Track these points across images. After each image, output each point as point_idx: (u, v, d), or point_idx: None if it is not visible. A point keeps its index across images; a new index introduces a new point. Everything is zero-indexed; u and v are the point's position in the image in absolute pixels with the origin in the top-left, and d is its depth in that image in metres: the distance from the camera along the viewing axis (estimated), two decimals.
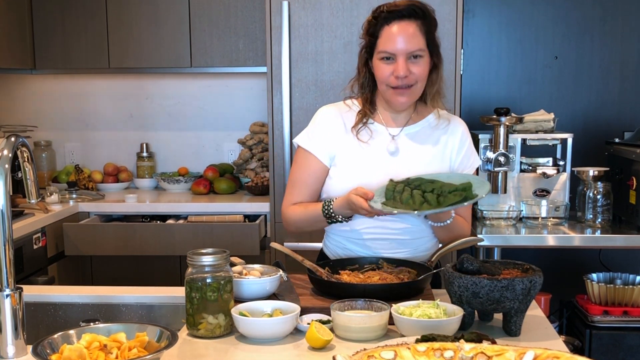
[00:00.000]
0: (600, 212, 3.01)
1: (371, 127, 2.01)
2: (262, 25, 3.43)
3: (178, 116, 3.99)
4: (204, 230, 3.24)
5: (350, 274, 1.88)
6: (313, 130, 2.04)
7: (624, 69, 3.60)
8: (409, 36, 1.88)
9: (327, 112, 2.06)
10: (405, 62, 1.89)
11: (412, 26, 1.89)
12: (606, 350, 2.87)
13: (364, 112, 2.01)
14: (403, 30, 1.88)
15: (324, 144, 2.01)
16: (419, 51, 1.90)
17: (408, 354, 1.25)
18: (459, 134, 2.04)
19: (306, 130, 2.06)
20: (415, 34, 1.89)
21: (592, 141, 3.54)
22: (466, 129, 2.08)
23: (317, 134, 2.03)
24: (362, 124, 2.00)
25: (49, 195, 3.37)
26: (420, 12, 1.90)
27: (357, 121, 2.01)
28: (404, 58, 1.89)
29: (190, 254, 1.63)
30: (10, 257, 1.48)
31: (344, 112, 2.04)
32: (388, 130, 2.01)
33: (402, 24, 1.89)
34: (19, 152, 1.54)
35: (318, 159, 2.01)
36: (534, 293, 1.58)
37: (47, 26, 3.64)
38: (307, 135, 2.04)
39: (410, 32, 1.89)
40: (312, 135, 2.03)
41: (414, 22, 1.89)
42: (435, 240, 2.08)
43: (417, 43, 1.90)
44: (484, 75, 3.66)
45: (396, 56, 1.89)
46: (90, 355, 1.34)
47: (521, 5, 3.61)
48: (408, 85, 1.92)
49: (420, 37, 1.90)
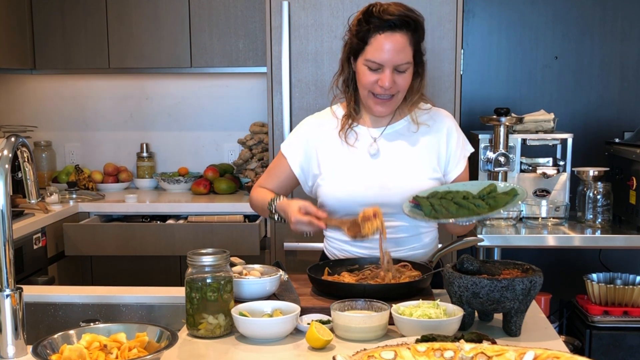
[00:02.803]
0: (600, 212, 3.01)
1: (355, 129, 2.02)
2: (262, 25, 3.43)
3: (178, 116, 3.99)
4: (204, 231, 3.24)
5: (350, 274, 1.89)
6: (293, 139, 2.10)
7: (624, 69, 3.60)
8: (398, 49, 1.87)
9: (306, 123, 2.10)
10: (392, 74, 1.89)
11: (404, 39, 1.88)
12: (606, 350, 2.87)
13: (349, 113, 2.02)
14: (394, 42, 1.87)
15: (298, 150, 2.07)
16: (406, 64, 1.90)
17: (408, 354, 1.25)
18: (445, 129, 2.02)
19: (289, 136, 2.13)
20: (405, 47, 1.88)
21: (592, 141, 3.54)
22: (451, 120, 2.05)
23: (294, 143, 2.09)
24: (347, 127, 2.01)
25: (49, 195, 3.37)
26: (412, 23, 1.88)
27: (342, 124, 2.02)
28: (391, 70, 1.88)
29: (190, 254, 1.63)
30: (10, 257, 1.48)
31: (327, 119, 2.06)
32: (369, 132, 2.02)
33: (394, 36, 1.87)
34: (19, 152, 1.54)
35: (289, 165, 2.08)
36: (534, 293, 1.58)
37: (47, 26, 3.64)
38: (287, 141, 2.12)
39: (401, 45, 1.87)
40: (290, 142, 2.10)
41: (405, 34, 1.88)
42: (433, 236, 2.08)
43: (406, 56, 1.89)
44: (484, 75, 3.66)
45: (384, 67, 1.88)
46: (90, 355, 1.34)
47: (521, 5, 3.61)
48: (390, 95, 1.92)
49: (409, 50, 1.89)
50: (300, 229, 1.90)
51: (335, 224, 1.93)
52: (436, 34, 3.03)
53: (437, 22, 3.03)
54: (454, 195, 1.84)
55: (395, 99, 1.94)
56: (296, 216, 1.88)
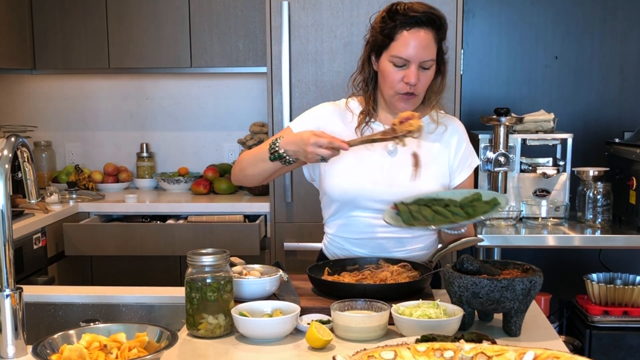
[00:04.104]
0: (600, 212, 3.01)
1: (372, 125, 2.01)
2: (262, 25, 3.43)
3: (178, 116, 3.99)
4: (204, 230, 3.24)
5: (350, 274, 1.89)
6: (304, 118, 2.05)
7: (624, 69, 3.60)
8: (425, 45, 1.88)
9: (323, 108, 2.07)
10: (417, 70, 1.90)
11: (429, 35, 1.89)
12: (606, 350, 2.87)
13: (367, 111, 2.02)
14: (420, 38, 1.88)
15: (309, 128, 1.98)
16: (430, 61, 1.91)
17: (408, 354, 1.25)
18: (457, 135, 2.04)
19: (299, 117, 2.07)
20: (430, 44, 1.90)
21: (592, 141, 3.54)
22: (464, 130, 2.08)
23: (306, 120, 2.03)
24: (364, 124, 2.01)
25: (49, 195, 3.37)
26: (438, 21, 1.90)
27: (360, 121, 2.01)
28: (417, 66, 1.89)
29: (190, 254, 1.63)
30: (10, 257, 1.48)
31: (343, 110, 2.05)
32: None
33: (420, 32, 1.88)
34: (19, 152, 1.54)
35: None
36: (534, 293, 1.58)
37: (47, 26, 3.64)
38: (297, 120, 2.05)
39: (427, 42, 1.89)
40: (301, 120, 2.04)
41: (430, 31, 1.89)
42: (433, 238, 2.08)
43: (431, 53, 1.90)
44: (484, 75, 3.66)
45: (409, 63, 1.89)
46: (90, 355, 1.34)
47: (521, 5, 3.61)
48: (414, 93, 1.93)
49: (434, 47, 1.91)
50: (319, 153, 1.79)
51: (361, 140, 1.84)
52: None
53: None
54: (435, 203, 1.85)
55: (418, 97, 1.96)
56: (314, 138, 1.79)
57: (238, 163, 2.06)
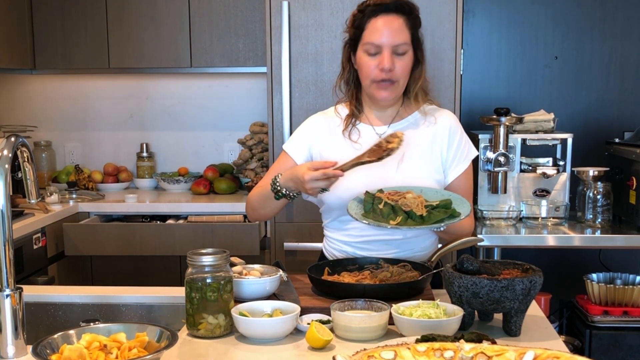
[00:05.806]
0: (600, 212, 3.01)
1: (358, 127, 2.02)
2: (262, 25, 3.43)
3: (178, 116, 3.99)
4: (204, 230, 3.24)
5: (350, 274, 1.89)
6: (296, 136, 2.10)
7: (624, 69, 3.60)
8: (395, 29, 1.90)
9: (311, 120, 2.11)
10: (391, 56, 1.90)
11: (399, 20, 1.91)
12: (606, 350, 2.87)
13: (352, 112, 2.03)
14: (389, 23, 1.90)
15: (302, 147, 2.06)
16: (404, 45, 1.92)
17: (408, 354, 1.25)
18: (447, 128, 2.02)
19: (292, 136, 2.12)
20: (401, 28, 1.91)
21: (592, 141, 3.54)
22: (455, 122, 2.06)
23: (297, 138, 2.08)
24: (351, 125, 2.02)
25: (49, 195, 3.37)
26: (407, 7, 1.93)
27: (346, 124, 2.03)
28: (390, 51, 1.90)
29: (190, 254, 1.63)
30: (10, 257, 1.48)
31: (331, 117, 2.07)
32: (375, 130, 2.02)
33: (389, 18, 1.91)
34: (19, 152, 1.54)
35: (293, 159, 2.06)
36: (534, 293, 1.58)
37: (47, 26, 3.64)
38: (291, 140, 2.11)
39: (397, 25, 1.91)
40: (293, 139, 2.10)
41: (400, 16, 1.92)
42: (433, 238, 2.08)
43: (403, 37, 1.91)
44: (484, 75, 3.66)
45: (382, 48, 1.91)
46: (90, 355, 1.34)
47: (521, 5, 3.61)
48: (391, 80, 1.93)
49: (405, 31, 1.92)
50: (317, 186, 1.83)
51: (352, 163, 1.86)
52: (436, 34, 3.03)
53: (437, 22, 3.03)
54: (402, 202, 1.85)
55: (397, 85, 1.95)
56: (308, 174, 1.82)
57: (249, 203, 2.10)
